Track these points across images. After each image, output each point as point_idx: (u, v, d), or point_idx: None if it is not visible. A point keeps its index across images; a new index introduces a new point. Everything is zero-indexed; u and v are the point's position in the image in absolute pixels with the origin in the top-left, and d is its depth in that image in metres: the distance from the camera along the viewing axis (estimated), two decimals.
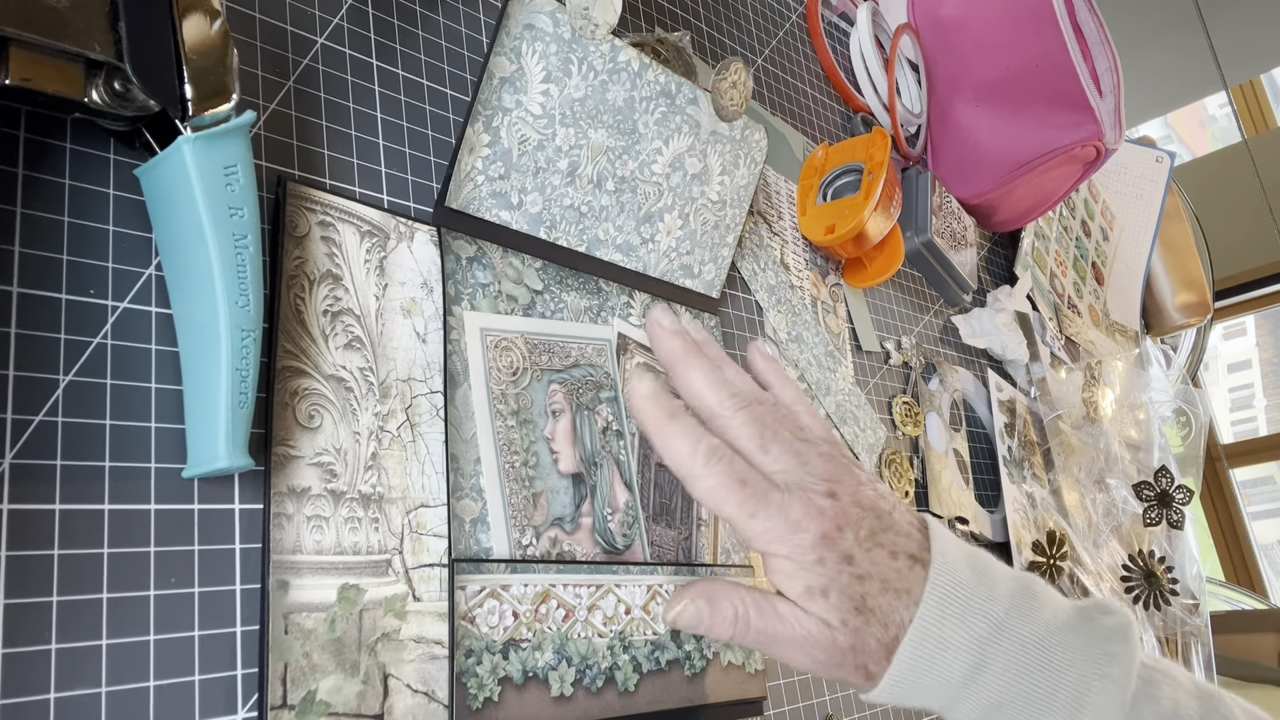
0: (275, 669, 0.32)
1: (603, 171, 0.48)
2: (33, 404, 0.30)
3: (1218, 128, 4.55)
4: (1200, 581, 0.96)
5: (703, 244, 0.54)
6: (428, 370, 0.40)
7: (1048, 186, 0.89)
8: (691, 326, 0.38)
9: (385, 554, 0.36)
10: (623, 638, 0.44)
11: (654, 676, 0.45)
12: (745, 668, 0.50)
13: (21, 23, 0.28)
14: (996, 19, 0.83)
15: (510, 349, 0.44)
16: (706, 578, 0.46)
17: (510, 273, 0.45)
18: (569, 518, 0.44)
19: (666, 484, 0.49)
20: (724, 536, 0.52)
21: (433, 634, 0.37)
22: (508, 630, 0.40)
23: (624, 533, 0.46)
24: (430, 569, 0.37)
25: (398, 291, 0.40)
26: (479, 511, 0.40)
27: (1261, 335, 4.56)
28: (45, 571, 0.29)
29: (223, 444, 0.31)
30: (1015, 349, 0.89)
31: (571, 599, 0.43)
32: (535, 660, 0.40)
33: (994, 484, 0.83)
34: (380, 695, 0.34)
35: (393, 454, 0.38)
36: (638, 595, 0.46)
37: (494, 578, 0.40)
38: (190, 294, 0.31)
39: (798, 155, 0.72)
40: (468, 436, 0.41)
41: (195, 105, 0.31)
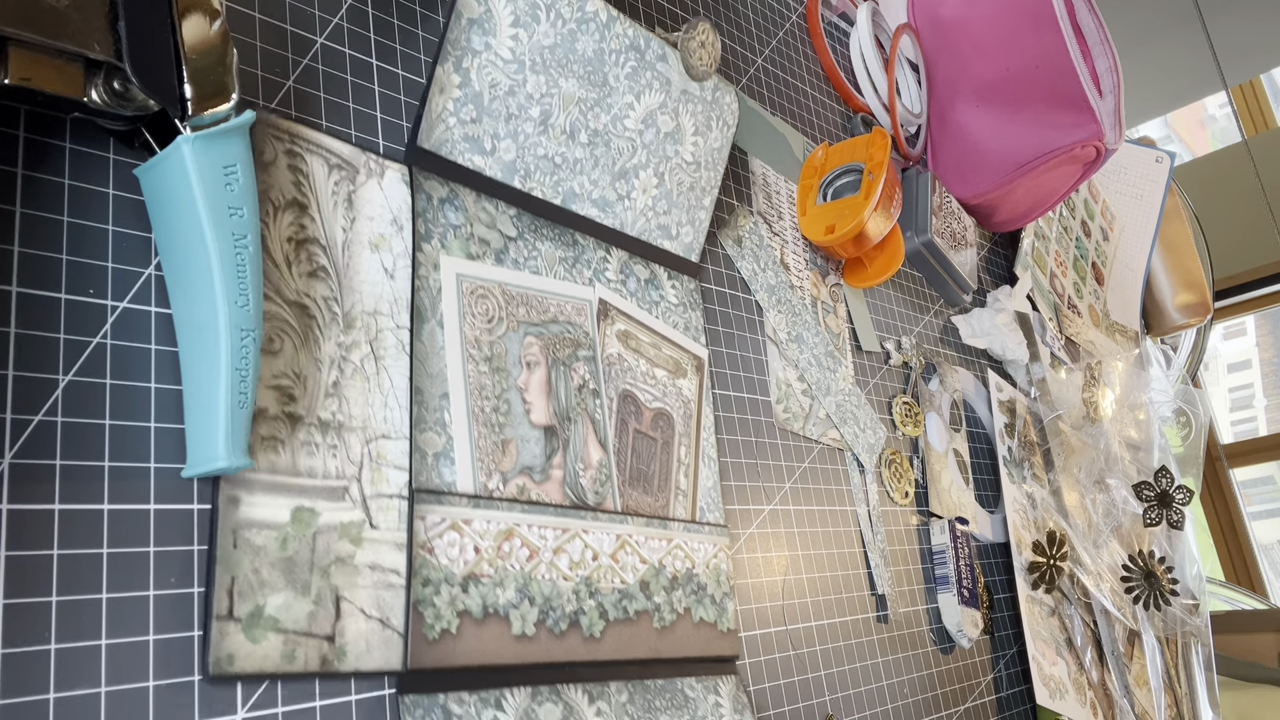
0: (222, 581, 0.32)
1: (575, 123, 0.48)
2: (33, 404, 0.30)
3: (1218, 128, 4.55)
4: (1200, 581, 0.96)
5: (679, 205, 0.54)
6: (395, 306, 0.40)
7: (1048, 187, 0.89)
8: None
9: (343, 480, 0.36)
10: (589, 583, 0.43)
11: (621, 625, 0.44)
12: (717, 625, 0.49)
13: (21, 22, 0.28)
14: (996, 19, 0.83)
15: (487, 297, 0.44)
16: None
17: (483, 217, 0.45)
18: (539, 468, 0.43)
19: (645, 451, 0.49)
20: (701, 497, 0.52)
21: (389, 563, 0.36)
22: (468, 564, 0.39)
23: (596, 489, 0.46)
24: (389, 499, 0.37)
25: (366, 226, 0.40)
26: (442, 446, 0.40)
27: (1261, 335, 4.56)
28: (45, 571, 0.29)
29: (222, 444, 0.31)
30: (1015, 349, 0.89)
31: (536, 540, 0.42)
32: (496, 597, 0.40)
33: (994, 484, 0.83)
34: (332, 617, 0.34)
35: (355, 384, 0.37)
36: (606, 543, 0.45)
37: (456, 510, 0.39)
38: (190, 294, 0.31)
39: (798, 155, 0.72)
40: (433, 372, 0.40)
41: (195, 105, 0.31)
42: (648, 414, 0.50)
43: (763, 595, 0.54)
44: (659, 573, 0.47)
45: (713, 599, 0.50)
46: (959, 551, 0.70)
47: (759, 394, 0.60)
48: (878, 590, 0.63)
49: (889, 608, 0.63)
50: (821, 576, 0.59)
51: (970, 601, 0.70)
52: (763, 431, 0.59)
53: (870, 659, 0.61)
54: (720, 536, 0.52)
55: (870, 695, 0.60)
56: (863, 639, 0.61)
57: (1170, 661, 0.91)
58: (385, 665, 0.35)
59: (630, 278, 0.52)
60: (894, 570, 0.66)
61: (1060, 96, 0.81)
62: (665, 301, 0.54)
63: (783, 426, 0.60)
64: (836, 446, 0.65)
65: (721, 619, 0.50)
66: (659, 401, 0.51)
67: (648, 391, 0.51)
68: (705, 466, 0.53)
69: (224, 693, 0.31)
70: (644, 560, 0.47)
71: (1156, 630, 0.90)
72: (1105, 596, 0.84)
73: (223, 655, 0.31)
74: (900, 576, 0.67)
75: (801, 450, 0.62)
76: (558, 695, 0.41)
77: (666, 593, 0.47)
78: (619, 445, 0.48)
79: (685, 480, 0.51)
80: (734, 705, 0.48)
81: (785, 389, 0.62)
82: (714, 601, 0.50)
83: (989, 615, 0.76)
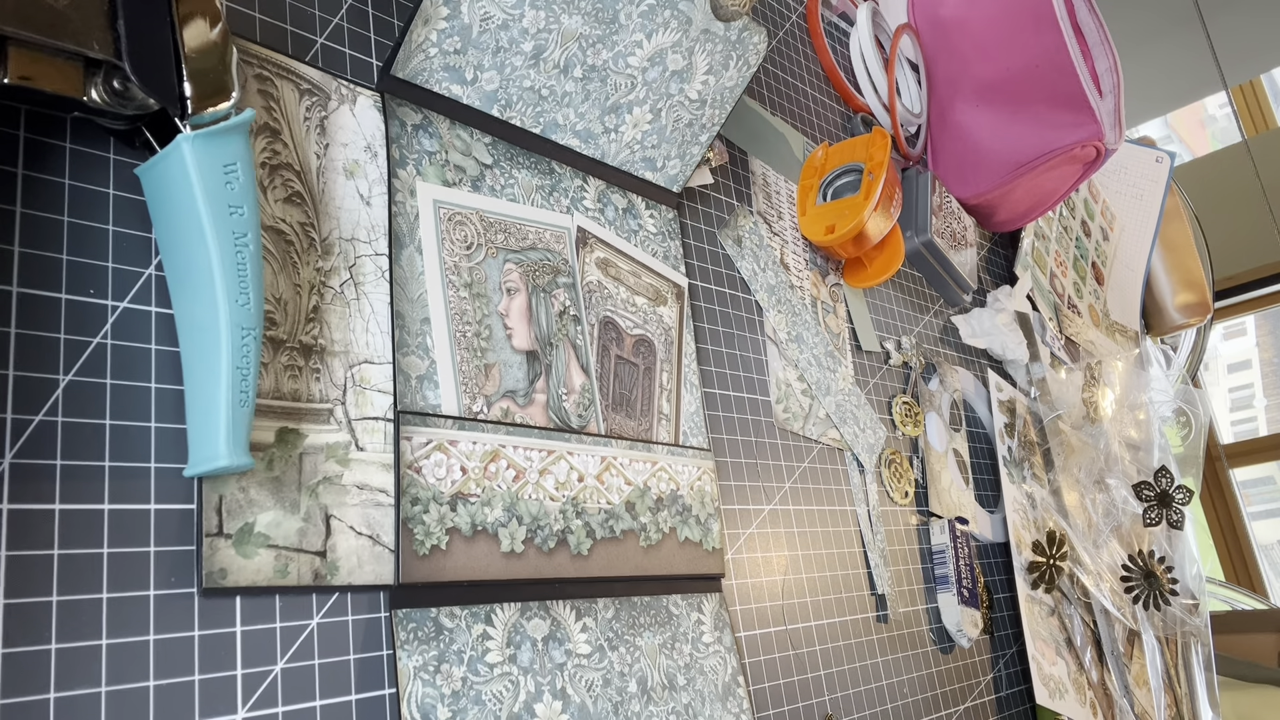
0: (209, 499, 0.32)
1: (571, 58, 0.47)
2: (33, 404, 0.30)
3: (1218, 128, 4.55)
4: (1200, 581, 0.96)
5: (671, 140, 0.54)
6: (372, 233, 0.40)
7: (1047, 187, 0.89)
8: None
9: (327, 404, 0.36)
10: (575, 504, 0.44)
11: (608, 543, 0.45)
12: (702, 544, 0.50)
13: (20, 21, 0.28)
14: (996, 19, 0.83)
15: (465, 224, 0.44)
16: None
17: (458, 144, 0.45)
18: (522, 392, 0.44)
19: (627, 375, 0.49)
20: (684, 422, 0.52)
21: (377, 482, 0.37)
22: (455, 484, 0.40)
23: (579, 413, 0.46)
24: (374, 422, 0.38)
25: (339, 152, 0.40)
26: (425, 369, 0.40)
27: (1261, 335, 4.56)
28: (45, 571, 0.29)
29: (223, 443, 0.31)
30: (1015, 349, 0.89)
31: (522, 461, 0.42)
32: (484, 515, 0.40)
33: (994, 484, 0.83)
34: (323, 534, 0.35)
35: (335, 309, 0.38)
36: (591, 465, 0.46)
37: (441, 432, 0.40)
38: (190, 292, 0.31)
39: (798, 155, 0.72)
40: (414, 297, 0.41)
41: (195, 103, 0.31)
42: (629, 340, 0.50)
43: (763, 595, 0.54)
44: (644, 494, 0.48)
45: (697, 519, 0.50)
46: (959, 551, 0.70)
47: (759, 394, 0.60)
48: (877, 590, 0.63)
49: (889, 607, 0.63)
50: (821, 576, 0.59)
51: (970, 601, 0.70)
52: (763, 431, 0.59)
53: (870, 659, 0.61)
54: (704, 460, 0.52)
55: (870, 695, 0.60)
56: (863, 639, 0.61)
57: (1170, 661, 0.91)
58: (377, 580, 0.36)
59: (608, 206, 0.52)
60: (894, 570, 0.66)
61: (1060, 96, 0.81)
62: (644, 230, 0.54)
63: (783, 426, 0.60)
64: (836, 446, 0.65)
65: (706, 538, 0.50)
66: (640, 328, 0.51)
67: (628, 318, 0.51)
68: (687, 392, 0.53)
69: (224, 691, 0.31)
70: (629, 482, 0.47)
71: (1156, 630, 0.90)
72: (1105, 596, 0.84)
73: (215, 569, 0.32)
74: (900, 576, 0.67)
75: (801, 450, 0.62)
76: (546, 611, 0.42)
77: (652, 513, 0.48)
78: (601, 371, 0.48)
79: (668, 405, 0.51)
80: (715, 622, 0.49)
81: (785, 389, 0.62)
82: (699, 522, 0.50)
83: (989, 615, 0.76)
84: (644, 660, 0.45)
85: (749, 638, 0.52)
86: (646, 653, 0.45)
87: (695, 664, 0.47)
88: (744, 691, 0.49)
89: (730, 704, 0.48)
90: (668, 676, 0.45)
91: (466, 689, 0.37)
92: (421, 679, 0.36)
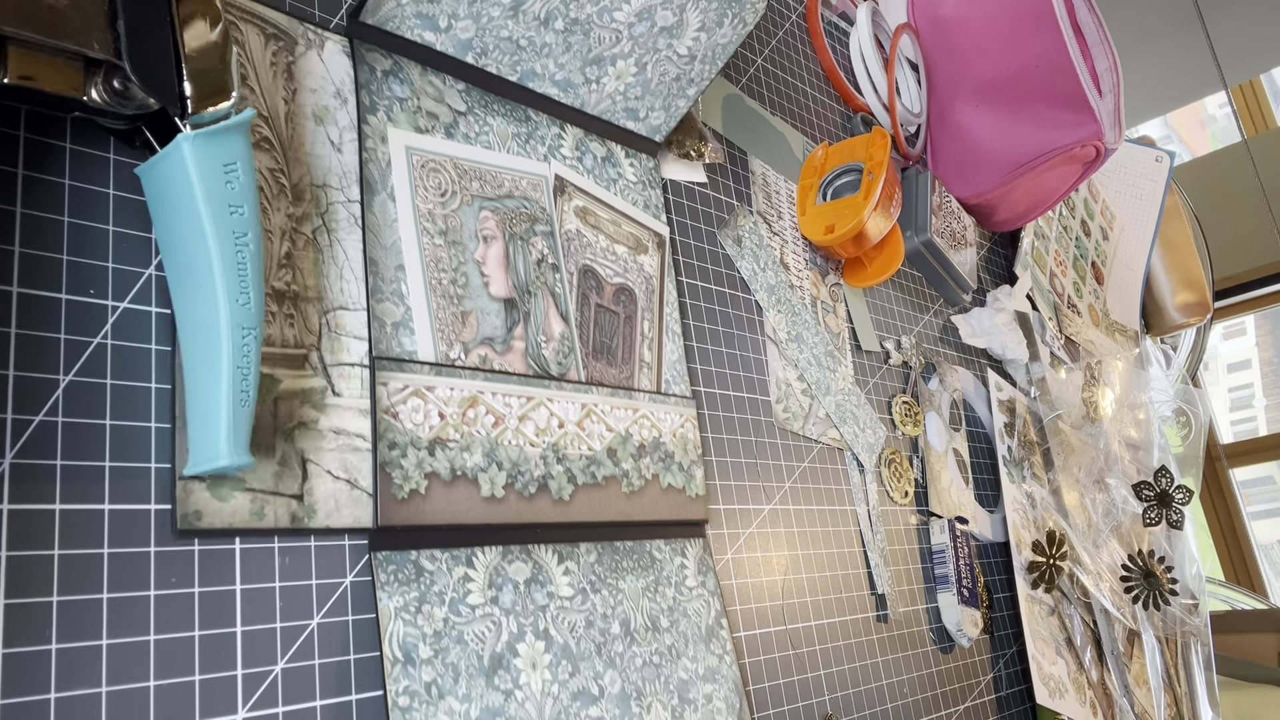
0: (183, 444, 0.32)
1: (554, 10, 0.46)
2: (33, 404, 0.30)
3: (1218, 128, 4.55)
4: (1200, 581, 0.96)
5: (656, 93, 0.53)
6: (344, 180, 0.40)
7: (1047, 186, 0.89)
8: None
9: (302, 349, 0.36)
10: (556, 450, 0.44)
11: (590, 489, 0.45)
12: (685, 491, 0.50)
13: (20, 21, 0.28)
14: (996, 19, 0.83)
15: (439, 171, 0.43)
16: None
17: (430, 91, 0.44)
18: (500, 339, 0.44)
19: (607, 324, 0.49)
20: (666, 370, 0.52)
21: (354, 428, 0.37)
22: (434, 429, 0.39)
23: (559, 360, 0.46)
24: (350, 368, 0.38)
25: (308, 98, 0.39)
26: (401, 316, 0.40)
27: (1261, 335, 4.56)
28: (45, 571, 0.29)
29: (224, 442, 0.31)
30: (1015, 349, 0.89)
31: (501, 407, 0.42)
32: (464, 460, 0.40)
33: (994, 484, 0.83)
34: (299, 478, 0.35)
35: (307, 256, 0.37)
36: (572, 412, 0.45)
37: (418, 378, 0.40)
38: (191, 292, 0.31)
39: (797, 155, 0.72)
40: (387, 244, 0.40)
41: (195, 103, 0.31)
42: (609, 289, 0.50)
43: (763, 595, 0.54)
44: (626, 440, 0.48)
45: (680, 466, 0.50)
46: (959, 551, 0.70)
47: (759, 394, 0.60)
48: (877, 590, 0.63)
49: (889, 607, 0.63)
50: (821, 576, 0.59)
51: (970, 601, 0.70)
52: (763, 431, 0.59)
53: (870, 658, 0.61)
54: (686, 408, 0.52)
55: (870, 695, 0.60)
56: (862, 639, 0.61)
57: (1170, 661, 0.91)
58: (355, 523, 0.36)
59: (586, 155, 0.51)
60: (894, 570, 0.66)
61: (1060, 96, 0.81)
62: (624, 179, 0.54)
63: (783, 426, 0.60)
64: (836, 446, 0.65)
65: (689, 485, 0.50)
66: (620, 277, 0.51)
67: (608, 267, 0.50)
68: (669, 340, 0.53)
69: (224, 690, 0.31)
70: (610, 429, 0.47)
71: (1156, 630, 0.90)
72: (1105, 596, 0.84)
73: (189, 512, 0.32)
74: (900, 576, 0.67)
75: (801, 450, 0.62)
76: (527, 554, 0.42)
77: (634, 460, 0.47)
78: (580, 319, 0.48)
79: (649, 353, 0.51)
80: (699, 567, 0.49)
81: (785, 389, 0.62)
82: (682, 469, 0.50)
83: (988, 615, 0.76)
84: (627, 603, 0.45)
85: (749, 637, 0.52)
86: (629, 595, 0.45)
87: (679, 606, 0.47)
88: (727, 634, 0.49)
89: (714, 645, 0.48)
90: (651, 618, 0.46)
91: (448, 629, 0.37)
92: (403, 619, 0.36)
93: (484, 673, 0.38)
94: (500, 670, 0.38)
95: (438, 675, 0.36)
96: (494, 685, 0.38)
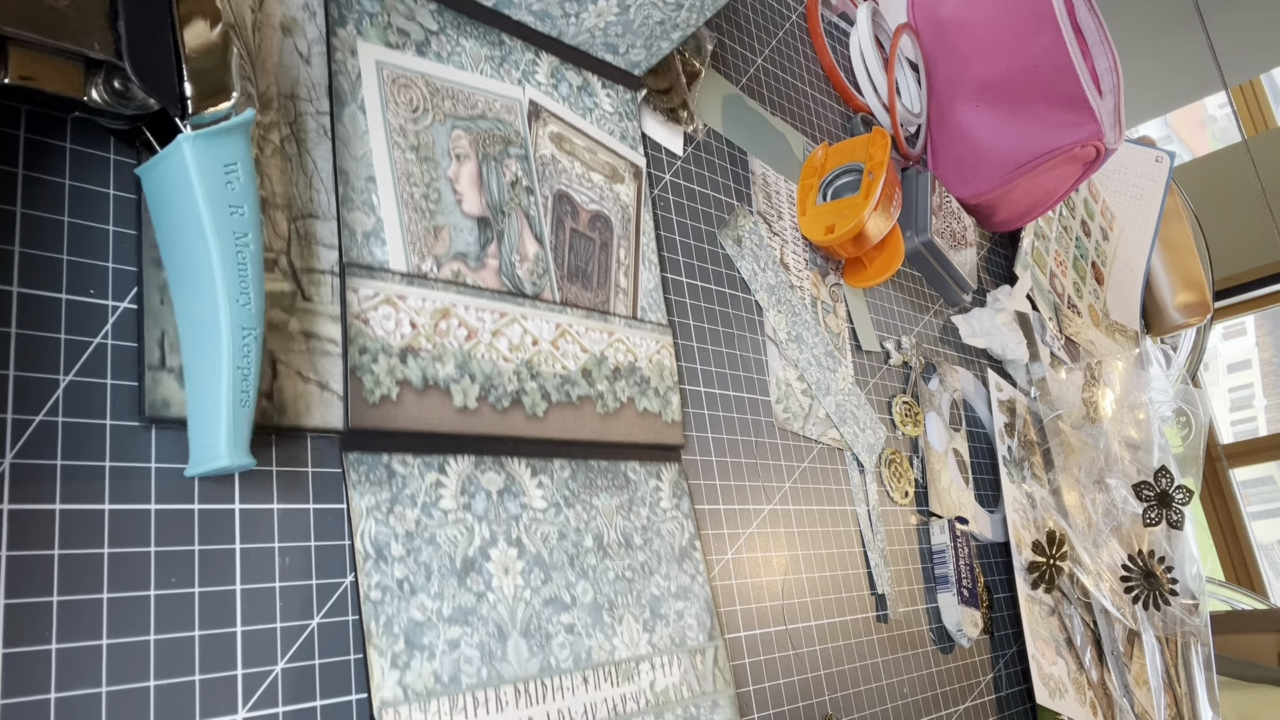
0: (151, 334, 0.32)
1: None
2: (34, 404, 0.30)
3: (1218, 128, 4.55)
4: (1200, 581, 0.96)
5: (638, 33, 0.52)
6: (313, 91, 0.39)
7: (1047, 186, 0.89)
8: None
9: (271, 253, 0.36)
10: (530, 366, 0.44)
11: (564, 407, 0.45)
12: (661, 416, 0.50)
13: (21, 22, 0.28)
14: (996, 19, 0.83)
15: (410, 87, 0.43)
16: None
17: (401, 8, 0.44)
18: (473, 255, 0.43)
19: (583, 249, 0.49)
20: (642, 298, 0.52)
21: (324, 332, 0.37)
22: (405, 338, 0.39)
23: (533, 280, 0.46)
24: (321, 274, 0.37)
25: (275, 7, 0.39)
26: (372, 226, 0.40)
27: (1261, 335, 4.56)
28: (45, 571, 0.29)
29: (224, 443, 0.31)
30: (1015, 349, 0.89)
31: (474, 321, 0.42)
32: (436, 370, 0.40)
33: (994, 484, 0.83)
34: (269, 376, 0.35)
35: (275, 163, 0.37)
36: (546, 330, 0.45)
37: (389, 286, 0.39)
38: (191, 292, 0.31)
39: (798, 155, 0.72)
40: (358, 155, 0.40)
41: (195, 103, 0.31)
42: (584, 215, 0.50)
43: (763, 595, 0.54)
44: (601, 362, 0.48)
45: (656, 391, 0.50)
46: (959, 551, 0.70)
47: (759, 394, 0.60)
48: (877, 590, 0.63)
49: (889, 607, 0.63)
50: (821, 576, 0.59)
51: (970, 601, 0.70)
52: (763, 431, 0.59)
53: (870, 659, 0.61)
54: (663, 335, 0.52)
55: (870, 695, 0.60)
56: (862, 639, 0.61)
57: (1170, 661, 0.91)
58: (326, 424, 0.36)
59: (562, 83, 0.51)
60: (894, 570, 0.66)
61: (1060, 96, 0.81)
62: (600, 109, 0.53)
63: (783, 426, 0.60)
64: (836, 446, 0.65)
65: (665, 410, 0.50)
66: (596, 204, 0.51)
67: (584, 193, 0.50)
68: (646, 269, 0.53)
69: (224, 690, 0.31)
70: (585, 350, 0.47)
71: (1156, 630, 0.90)
72: (1105, 596, 0.84)
73: (157, 399, 0.32)
74: (900, 576, 0.67)
75: (801, 450, 0.62)
76: (500, 466, 0.42)
77: (609, 382, 0.47)
78: (555, 242, 0.48)
79: (625, 280, 0.51)
80: (673, 490, 0.50)
81: (785, 389, 0.62)
82: (658, 394, 0.50)
83: (989, 615, 0.76)
84: (600, 519, 0.45)
85: (749, 638, 0.52)
86: (603, 512, 0.45)
87: (652, 526, 0.47)
88: (700, 556, 0.49)
89: (686, 565, 0.48)
90: (624, 535, 0.46)
91: (420, 530, 0.38)
92: (375, 517, 0.37)
93: (456, 574, 0.38)
94: (473, 573, 0.39)
95: (410, 573, 0.37)
96: (466, 586, 0.38)
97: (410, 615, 0.36)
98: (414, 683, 0.36)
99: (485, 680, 0.38)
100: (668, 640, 0.46)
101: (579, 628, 0.42)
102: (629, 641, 0.44)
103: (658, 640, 0.45)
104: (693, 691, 0.46)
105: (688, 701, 0.46)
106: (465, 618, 0.38)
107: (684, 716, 0.45)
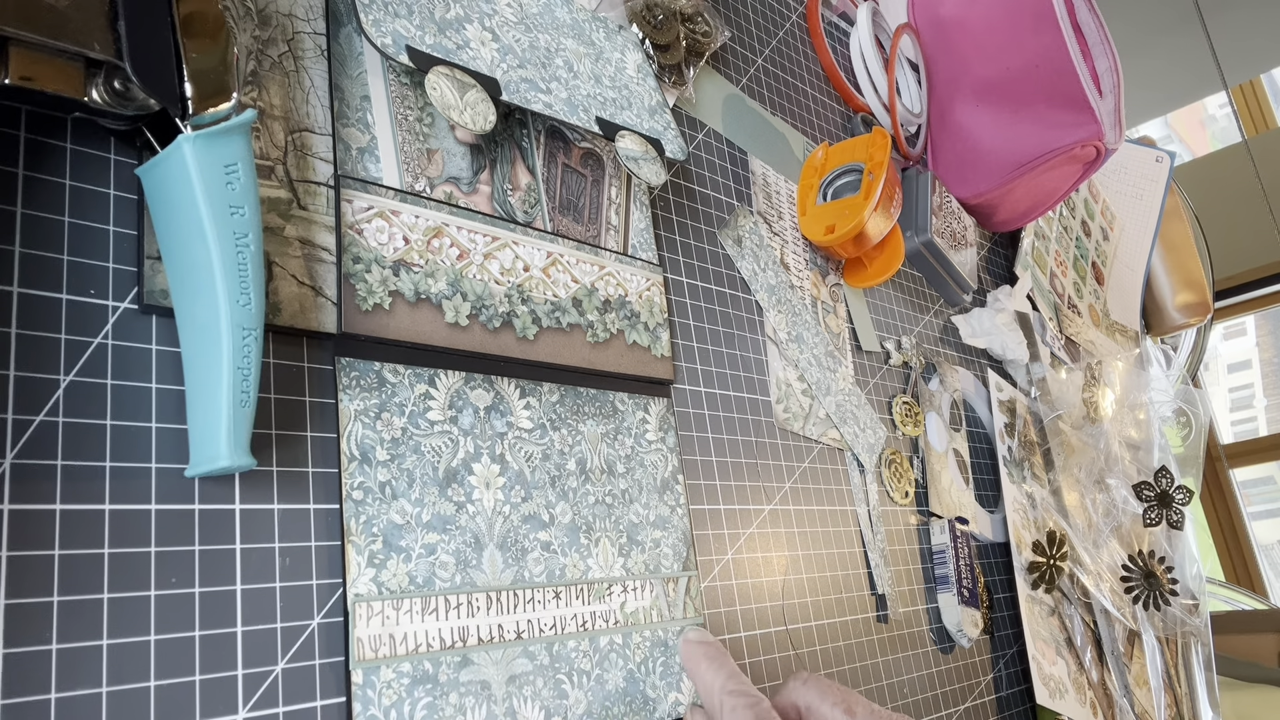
0: (151, 225, 0.33)
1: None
2: (33, 404, 0.30)
3: (1218, 128, 4.55)
4: (1200, 581, 0.96)
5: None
6: (310, 12, 0.40)
7: (1048, 186, 0.89)
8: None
9: (268, 161, 0.37)
10: (521, 290, 0.45)
11: (554, 333, 0.45)
12: (651, 350, 0.51)
13: (21, 22, 0.28)
14: (996, 19, 0.83)
15: None
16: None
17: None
18: (466, 179, 0.44)
19: (575, 184, 0.49)
20: (633, 236, 0.52)
21: (319, 240, 0.38)
22: (398, 251, 0.40)
23: (525, 209, 0.46)
24: (316, 185, 0.38)
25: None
26: (366, 143, 0.40)
27: (1261, 335, 4.56)
28: (45, 571, 0.29)
29: (225, 443, 0.31)
30: (1015, 349, 0.89)
31: (466, 241, 0.43)
32: (428, 285, 0.41)
33: (994, 484, 0.83)
34: (265, 278, 0.35)
35: (274, 77, 0.38)
36: (537, 258, 0.46)
37: (383, 200, 0.40)
38: (191, 293, 0.31)
39: (798, 155, 0.72)
40: (353, 74, 0.41)
41: (195, 104, 0.31)
42: (577, 151, 0.50)
43: (763, 595, 0.54)
44: (591, 294, 0.48)
45: (646, 326, 0.51)
46: (959, 551, 0.70)
47: (759, 394, 0.60)
48: (878, 590, 0.63)
49: (889, 607, 0.63)
50: (821, 576, 0.59)
51: (970, 601, 0.70)
52: (763, 431, 0.59)
53: (870, 659, 0.61)
54: (653, 272, 0.53)
55: (870, 695, 0.60)
56: (863, 639, 0.61)
57: (1170, 661, 0.91)
58: (319, 326, 0.37)
59: None
60: (894, 570, 0.66)
61: (1060, 96, 0.81)
62: None
63: (783, 426, 0.60)
64: (836, 446, 0.65)
65: (655, 345, 0.51)
66: (588, 142, 0.51)
67: (576, 131, 0.51)
68: (637, 209, 0.53)
69: (224, 690, 0.31)
70: (575, 280, 0.48)
71: (1156, 630, 0.90)
72: (1105, 596, 0.84)
73: (156, 289, 0.33)
74: (900, 576, 0.67)
75: (801, 450, 0.62)
76: (490, 384, 0.42)
77: (599, 313, 0.48)
78: (547, 175, 0.48)
79: (616, 218, 0.52)
80: (660, 424, 0.50)
81: (785, 389, 0.62)
82: (647, 329, 0.51)
83: (989, 615, 0.76)
84: (585, 444, 0.46)
85: (749, 638, 0.52)
86: (588, 438, 0.46)
87: (636, 456, 0.48)
88: (682, 489, 0.50)
89: (668, 497, 0.49)
90: (607, 462, 0.47)
91: (406, 438, 0.38)
92: (362, 421, 0.37)
93: (438, 483, 0.39)
94: (454, 484, 0.40)
95: (392, 477, 0.38)
96: (447, 496, 0.39)
97: (390, 518, 0.37)
98: (389, 581, 0.36)
99: (458, 586, 0.39)
100: (642, 566, 0.47)
101: (555, 546, 0.43)
102: (603, 563, 0.45)
103: (632, 565, 0.46)
104: (662, 616, 0.47)
105: (656, 625, 0.46)
106: (444, 526, 0.39)
107: (652, 639, 0.46)
